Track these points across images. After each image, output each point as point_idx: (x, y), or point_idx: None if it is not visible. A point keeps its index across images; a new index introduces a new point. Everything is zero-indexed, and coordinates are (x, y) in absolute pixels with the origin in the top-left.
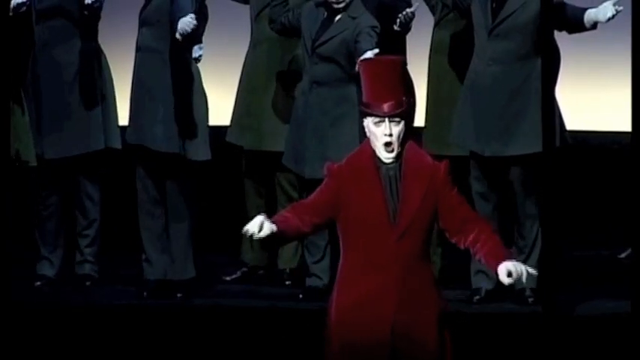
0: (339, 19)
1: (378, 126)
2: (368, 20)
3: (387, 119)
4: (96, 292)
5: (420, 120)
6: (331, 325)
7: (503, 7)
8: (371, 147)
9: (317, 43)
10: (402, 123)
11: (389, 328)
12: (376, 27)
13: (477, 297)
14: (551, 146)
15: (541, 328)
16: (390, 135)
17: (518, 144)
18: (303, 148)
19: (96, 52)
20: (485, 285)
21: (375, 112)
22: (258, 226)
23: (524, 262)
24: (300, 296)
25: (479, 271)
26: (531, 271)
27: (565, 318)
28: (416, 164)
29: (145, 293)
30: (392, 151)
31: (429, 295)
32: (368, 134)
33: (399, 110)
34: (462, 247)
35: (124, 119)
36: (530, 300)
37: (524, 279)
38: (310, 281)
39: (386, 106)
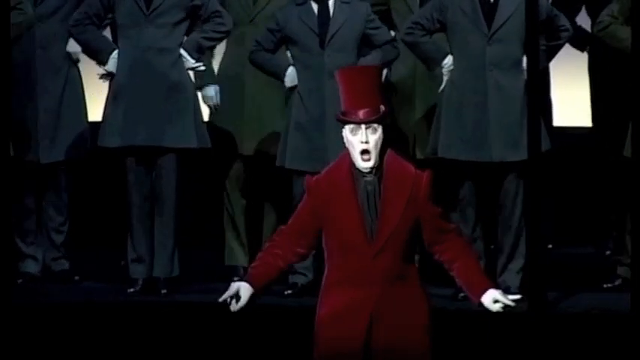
0: (334, 8)
1: (355, 134)
2: (362, 5)
3: (363, 126)
4: (81, 289)
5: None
6: (314, 339)
7: (497, 11)
8: (349, 159)
9: (328, 37)
10: (380, 131)
11: (360, 345)
12: (370, 9)
13: (462, 294)
14: (538, 149)
15: (526, 325)
16: (367, 142)
17: (525, 148)
18: (325, 142)
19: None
20: None
21: (350, 120)
22: (235, 297)
23: (509, 258)
24: (287, 293)
25: None
26: (514, 297)
27: (550, 315)
28: (396, 176)
29: (131, 290)
30: (369, 159)
31: (414, 303)
32: (346, 144)
33: (375, 117)
34: (436, 258)
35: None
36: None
37: (511, 303)
38: (295, 278)
39: (361, 113)
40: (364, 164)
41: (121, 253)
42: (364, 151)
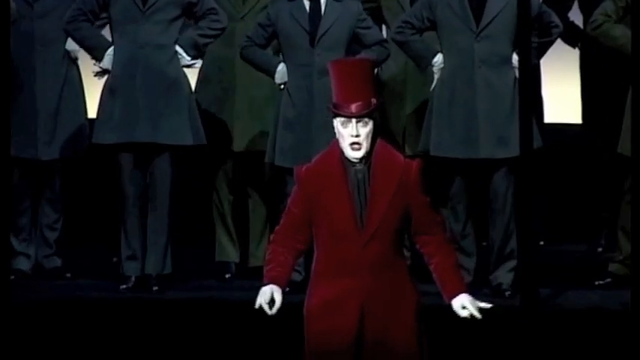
0: (326, 6)
1: (346, 126)
2: (354, 4)
3: (354, 120)
4: (72, 286)
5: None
6: (304, 329)
7: (485, 8)
8: (339, 148)
9: (319, 35)
10: (371, 123)
11: (352, 334)
12: (361, 7)
13: None
14: (530, 147)
15: (518, 322)
16: (357, 136)
17: (514, 145)
18: (311, 140)
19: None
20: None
21: (342, 113)
22: (270, 302)
23: (501, 255)
24: (286, 289)
25: None
26: (484, 305)
27: (542, 312)
28: (386, 165)
29: (123, 287)
30: (359, 149)
31: (403, 295)
32: (337, 135)
33: (366, 111)
34: (417, 248)
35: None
36: (507, 294)
37: (477, 314)
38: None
39: (353, 107)
40: (354, 154)
41: (113, 250)
42: (354, 143)
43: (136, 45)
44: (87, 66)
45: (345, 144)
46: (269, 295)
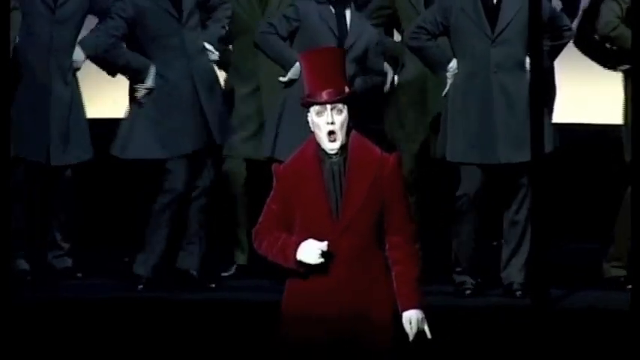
0: (351, 17)
1: (320, 116)
2: (374, 30)
3: (328, 107)
4: (83, 286)
5: None
6: (281, 323)
7: (500, 13)
8: (315, 142)
9: (347, 46)
10: (345, 112)
11: (335, 326)
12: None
13: (468, 291)
14: (542, 149)
15: (529, 321)
16: (333, 123)
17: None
18: None
19: None
20: (473, 279)
21: (315, 101)
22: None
23: (513, 254)
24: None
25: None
26: (427, 331)
27: (553, 312)
28: (362, 157)
29: (140, 287)
30: (335, 140)
31: (380, 288)
32: (312, 127)
33: (340, 97)
34: (386, 249)
35: None
36: (518, 293)
37: (410, 336)
38: None
39: (325, 94)
40: (331, 145)
41: (124, 250)
42: (330, 132)
43: (188, 55)
44: (85, 75)
45: (321, 134)
46: (314, 241)
